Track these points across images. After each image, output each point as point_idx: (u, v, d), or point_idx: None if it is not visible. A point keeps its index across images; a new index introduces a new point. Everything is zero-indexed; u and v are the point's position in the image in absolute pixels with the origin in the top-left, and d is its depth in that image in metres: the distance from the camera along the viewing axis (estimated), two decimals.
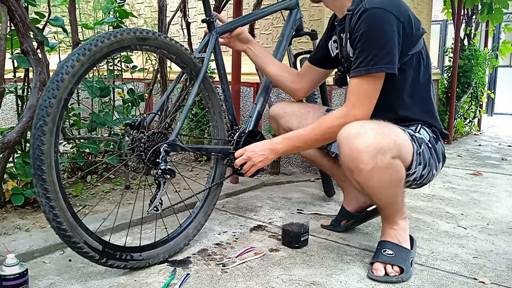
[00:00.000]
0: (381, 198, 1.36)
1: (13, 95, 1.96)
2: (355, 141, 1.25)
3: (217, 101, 1.63)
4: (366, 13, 1.29)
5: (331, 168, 1.80)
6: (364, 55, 1.29)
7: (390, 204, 1.38)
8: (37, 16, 1.88)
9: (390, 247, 1.38)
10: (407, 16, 1.33)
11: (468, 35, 5.18)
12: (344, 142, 1.28)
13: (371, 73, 1.28)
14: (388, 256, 1.36)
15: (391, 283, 1.30)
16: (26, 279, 1.14)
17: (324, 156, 1.77)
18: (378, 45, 1.27)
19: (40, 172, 1.10)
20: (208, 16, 1.55)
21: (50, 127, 1.10)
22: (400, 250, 1.38)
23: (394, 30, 1.28)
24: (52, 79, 1.12)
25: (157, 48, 1.37)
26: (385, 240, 1.42)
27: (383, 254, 1.37)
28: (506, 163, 3.35)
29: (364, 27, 1.29)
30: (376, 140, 1.24)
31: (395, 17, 1.28)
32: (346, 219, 1.70)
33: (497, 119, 7.40)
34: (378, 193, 1.34)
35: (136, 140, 1.32)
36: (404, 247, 1.39)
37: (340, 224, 1.71)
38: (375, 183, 1.29)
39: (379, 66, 1.28)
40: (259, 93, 1.79)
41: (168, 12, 2.55)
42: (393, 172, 1.29)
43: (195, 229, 1.54)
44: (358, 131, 1.25)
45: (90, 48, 1.16)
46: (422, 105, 1.44)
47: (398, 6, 1.31)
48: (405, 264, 1.35)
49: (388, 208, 1.40)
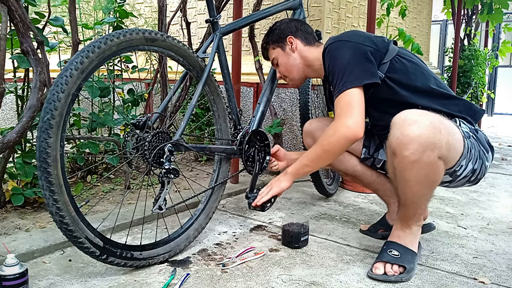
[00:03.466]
0: (408, 194, 1.33)
1: (13, 95, 1.96)
2: (410, 128, 1.23)
3: (222, 104, 1.64)
4: (326, 50, 1.45)
5: (375, 184, 1.72)
6: (338, 78, 1.38)
7: (413, 204, 1.35)
8: (37, 16, 1.88)
9: (396, 248, 1.37)
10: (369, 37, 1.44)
11: (468, 35, 5.19)
12: (399, 125, 1.26)
13: (348, 88, 1.35)
14: (393, 257, 1.35)
15: (389, 282, 1.30)
16: (26, 279, 1.14)
17: (366, 170, 1.71)
18: (341, 70, 1.37)
19: (45, 165, 1.10)
20: (212, 16, 1.55)
21: (57, 121, 1.11)
22: (407, 252, 1.36)
23: (356, 49, 1.38)
24: (61, 74, 1.13)
25: (165, 49, 1.38)
26: (392, 241, 1.40)
27: (388, 254, 1.36)
28: (506, 163, 3.35)
29: (329, 60, 1.43)
30: (430, 134, 1.22)
31: (357, 43, 1.40)
32: (383, 228, 1.68)
33: (497, 119, 7.40)
34: (408, 187, 1.31)
35: (141, 139, 1.33)
36: (411, 249, 1.38)
37: (377, 231, 1.69)
38: (411, 176, 1.27)
39: (348, 82, 1.35)
40: (262, 93, 1.79)
41: (168, 12, 2.56)
42: (433, 171, 1.27)
43: (196, 231, 1.54)
44: (416, 119, 1.24)
45: (99, 46, 1.18)
46: (440, 100, 1.41)
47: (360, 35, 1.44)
48: (409, 264, 1.34)
49: (409, 208, 1.37)
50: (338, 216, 1.94)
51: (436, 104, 1.39)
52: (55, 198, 1.12)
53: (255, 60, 2.81)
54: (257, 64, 2.80)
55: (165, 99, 1.54)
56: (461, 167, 1.34)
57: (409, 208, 1.36)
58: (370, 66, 1.37)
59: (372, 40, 1.44)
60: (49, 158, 1.10)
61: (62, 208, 1.14)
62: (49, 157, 1.10)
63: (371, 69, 1.37)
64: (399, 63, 1.43)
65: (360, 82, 1.34)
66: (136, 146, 1.34)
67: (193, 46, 2.85)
